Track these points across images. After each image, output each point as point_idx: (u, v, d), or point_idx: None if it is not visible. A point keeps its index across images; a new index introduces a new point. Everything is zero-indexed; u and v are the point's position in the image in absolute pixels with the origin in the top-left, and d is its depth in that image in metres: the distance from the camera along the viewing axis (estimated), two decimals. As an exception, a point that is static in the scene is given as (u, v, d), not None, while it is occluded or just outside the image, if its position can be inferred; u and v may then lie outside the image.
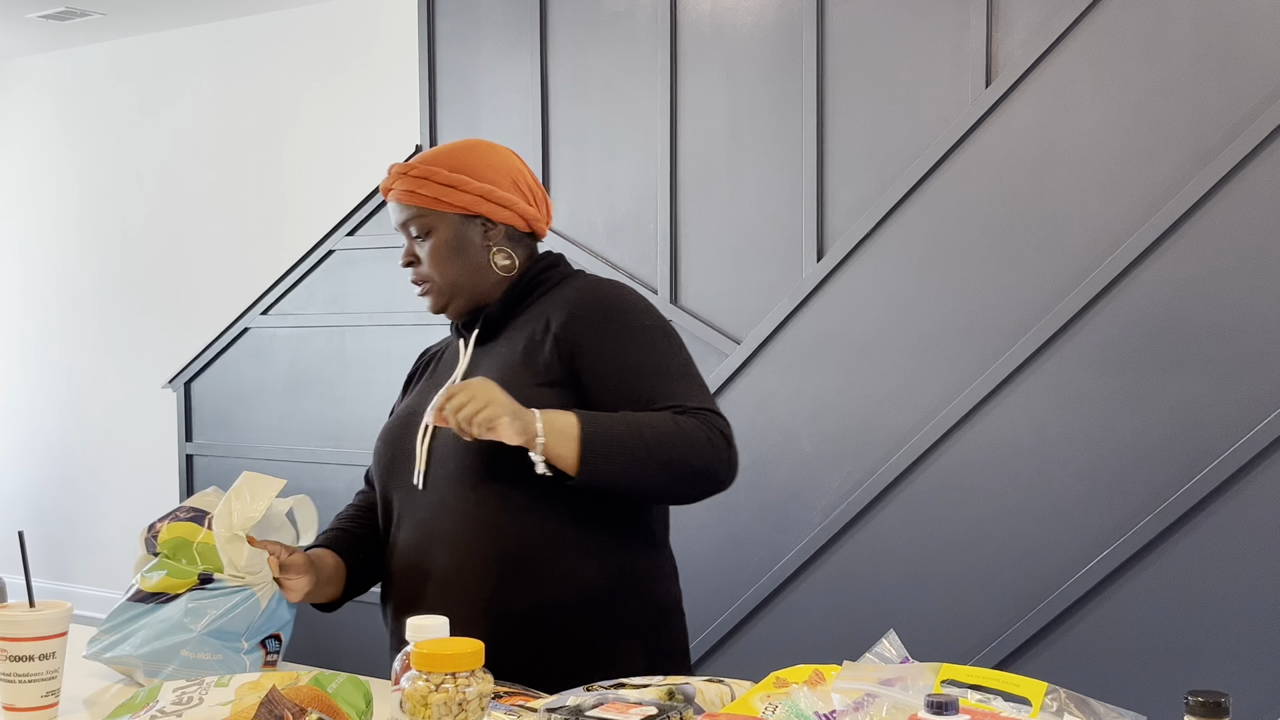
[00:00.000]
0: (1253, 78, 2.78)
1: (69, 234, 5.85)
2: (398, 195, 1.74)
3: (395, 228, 1.78)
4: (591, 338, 1.65)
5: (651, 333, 1.67)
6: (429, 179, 1.72)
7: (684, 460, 1.57)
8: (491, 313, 1.74)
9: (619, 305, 1.68)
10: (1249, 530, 2.79)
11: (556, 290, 1.74)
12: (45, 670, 1.46)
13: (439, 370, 1.82)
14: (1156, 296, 2.88)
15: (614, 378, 1.63)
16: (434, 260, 1.73)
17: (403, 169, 1.74)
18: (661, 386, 1.63)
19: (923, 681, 1.13)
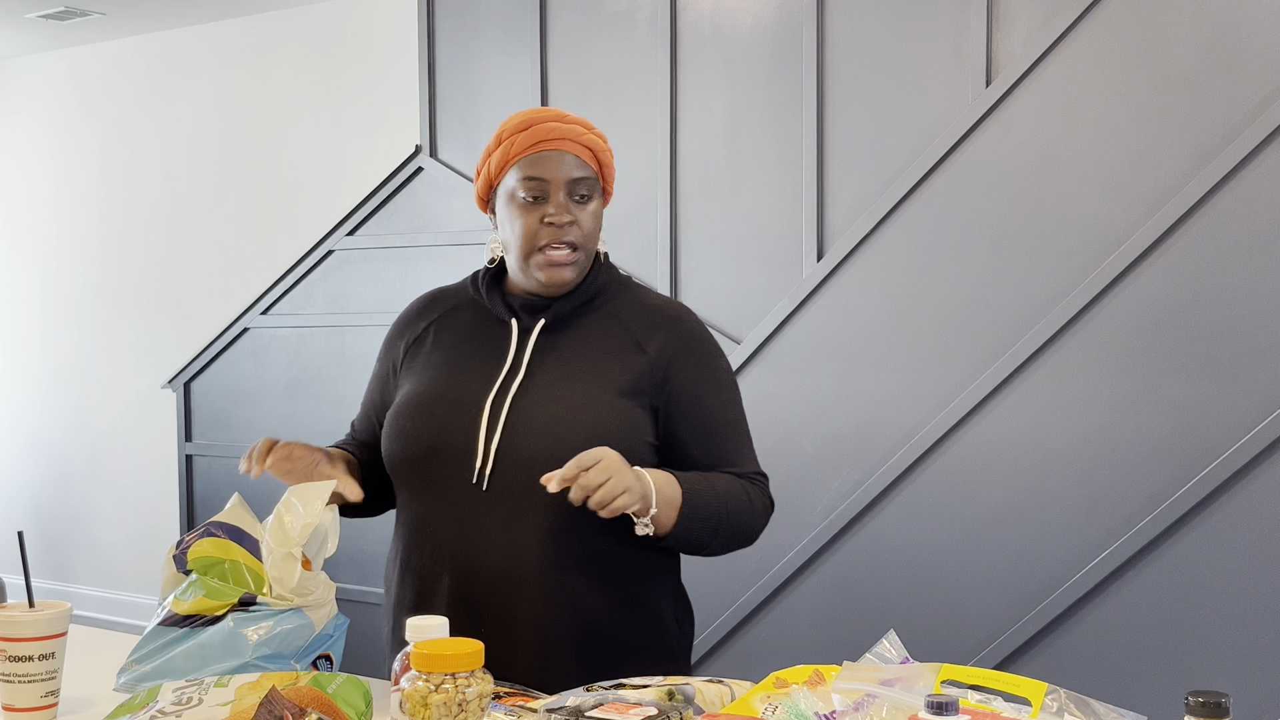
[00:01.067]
0: (1253, 78, 2.77)
1: (69, 234, 5.85)
2: (582, 150, 1.63)
3: (548, 178, 1.61)
4: (688, 377, 1.66)
5: (730, 385, 1.72)
6: (606, 148, 1.67)
7: (745, 532, 1.68)
8: (564, 305, 1.66)
9: (713, 349, 1.71)
10: (1249, 530, 2.78)
11: (625, 298, 1.70)
12: (45, 670, 1.45)
13: (473, 349, 1.68)
14: (1156, 296, 2.88)
15: (699, 423, 1.66)
16: (592, 228, 1.65)
17: (583, 123, 1.65)
18: (735, 445, 1.70)
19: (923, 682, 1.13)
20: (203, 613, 1.57)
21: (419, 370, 1.71)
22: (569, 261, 1.62)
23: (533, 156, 1.62)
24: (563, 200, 1.62)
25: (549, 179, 1.61)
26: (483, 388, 1.63)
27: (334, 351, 4.27)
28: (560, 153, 1.62)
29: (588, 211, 1.64)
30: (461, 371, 1.66)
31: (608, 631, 1.61)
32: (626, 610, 1.63)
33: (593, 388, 1.60)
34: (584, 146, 1.63)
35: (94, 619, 5.49)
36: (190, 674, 1.52)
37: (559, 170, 1.61)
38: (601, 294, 1.69)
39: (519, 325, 1.67)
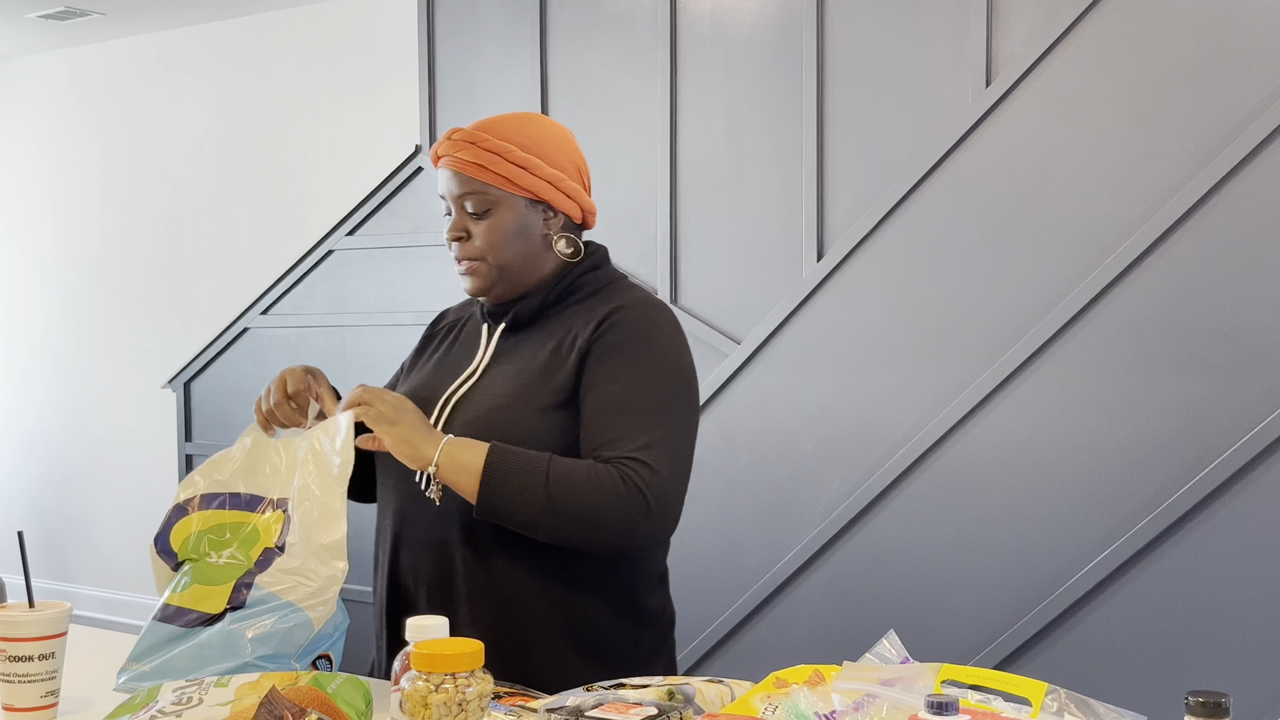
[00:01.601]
0: (1253, 78, 2.77)
1: (69, 233, 5.85)
2: (461, 165, 1.62)
3: (445, 195, 1.66)
4: (598, 362, 1.60)
5: (650, 373, 1.60)
6: (502, 156, 1.62)
7: (587, 513, 1.52)
8: (525, 308, 1.67)
9: (644, 334, 1.62)
10: (1249, 530, 2.78)
11: (596, 298, 1.67)
12: (45, 670, 1.45)
13: (456, 350, 1.75)
14: (1157, 296, 2.88)
15: (592, 405, 1.58)
16: (491, 240, 1.63)
17: (470, 137, 1.63)
18: (619, 424, 1.56)
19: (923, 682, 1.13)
20: (197, 606, 1.55)
21: (415, 371, 1.78)
22: (469, 273, 1.66)
23: (439, 172, 1.67)
24: (459, 217, 1.65)
25: (446, 196, 1.66)
26: (444, 389, 1.68)
27: (334, 351, 4.27)
28: (447, 170, 1.65)
29: (482, 225, 1.63)
30: (435, 374, 1.72)
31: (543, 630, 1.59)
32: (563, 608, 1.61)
33: (528, 392, 1.60)
34: (469, 163, 1.62)
35: (94, 619, 5.49)
36: (190, 674, 1.51)
37: (449, 188, 1.65)
38: (572, 295, 1.68)
39: (489, 330, 1.71)
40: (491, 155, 1.62)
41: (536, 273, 1.67)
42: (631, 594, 1.67)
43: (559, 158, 1.66)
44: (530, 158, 1.63)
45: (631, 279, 1.75)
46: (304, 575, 1.54)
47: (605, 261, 1.73)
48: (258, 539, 1.59)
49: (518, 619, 1.59)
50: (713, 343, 3.45)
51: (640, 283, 1.79)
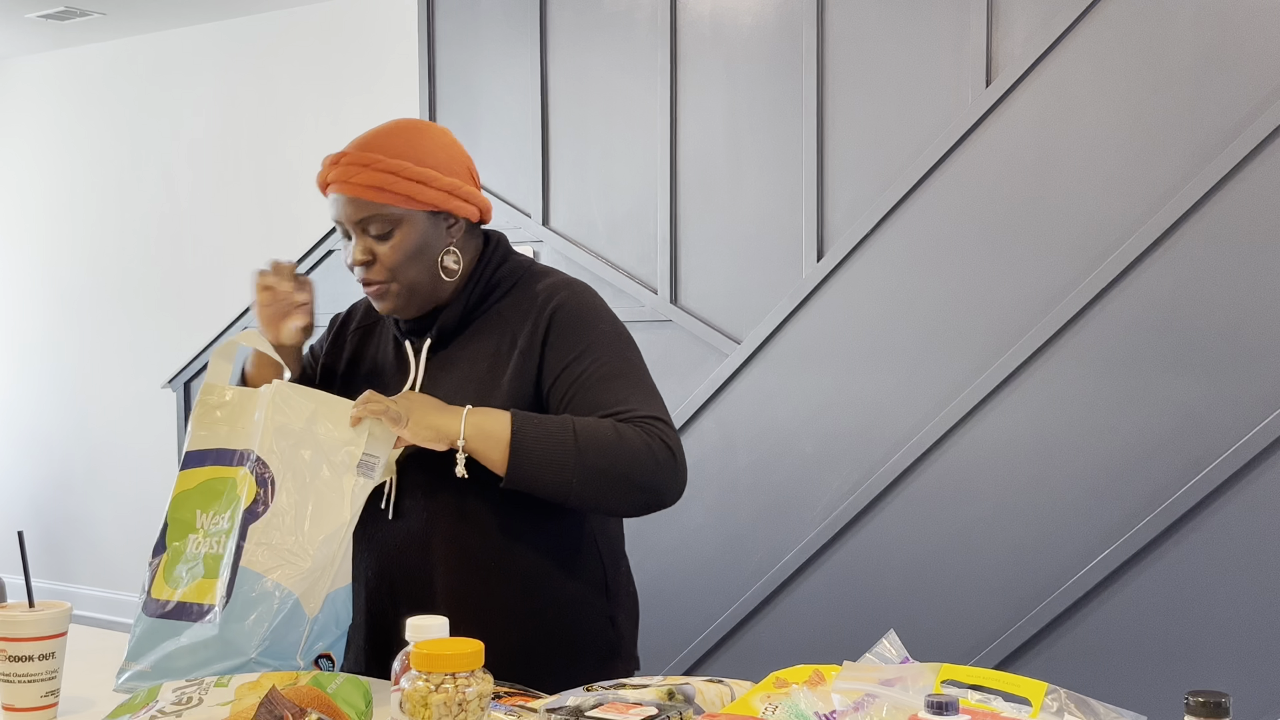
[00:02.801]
0: (1253, 78, 2.77)
1: (69, 233, 5.85)
2: (356, 190, 1.58)
3: (340, 222, 1.62)
4: (556, 349, 1.60)
5: (606, 339, 1.62)
6: (398, 175, 1.58)
7: (619, 470, 1.52)
8: (448, 320, 1.65)
9: (585, 313, 1.63)
10: (1249, 530, 2.79)
11: (515, 294, 1.66)
12: (45, 670, 1.45)
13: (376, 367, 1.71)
14: (1156, 296, 2.88)
15: (567, 387, 1.58)
16: (396, 261, 1.60)
17: (361, 160, 1.58)
18: (610, 391, 1.57)
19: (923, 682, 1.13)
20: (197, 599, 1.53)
21: (341, 382, 1.74)
22: (379, 295, 1.63)
23: (329, 196, 1.64)
24: (359, 242, 1.61)
25: (341, 221, 1.62)
26: None
27: (334, 351, 4.26)
28: (340, 195, 1.60)
29: (386, 246, 1.59)
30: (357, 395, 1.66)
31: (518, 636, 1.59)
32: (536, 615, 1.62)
33: (482, 399, 1.59)
34: (364, 186, 1.58)
35: (94, 619, 5.49)
36: (190, 674, 1.50)
37: (346, 213, 1.60)
38: (490, 295, 1.67)
39: (413, 346, 1.68)
40: (387, 175, 1.58)
41: (445, 284, 1.65)
42: (602, 574, 1.68)
43: (451, 165, 1.64)
44: (426, 170, 1.60)
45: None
46: (295, 555, 1.50)
47: (508, 249, 1.71)
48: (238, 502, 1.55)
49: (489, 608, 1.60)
50: (713, 343, 3.45)
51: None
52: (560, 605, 1.64)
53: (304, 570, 1.50)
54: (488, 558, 1.61)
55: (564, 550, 1.64)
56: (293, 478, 1.54)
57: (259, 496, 1.53)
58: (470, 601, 1.60)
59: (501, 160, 3.86)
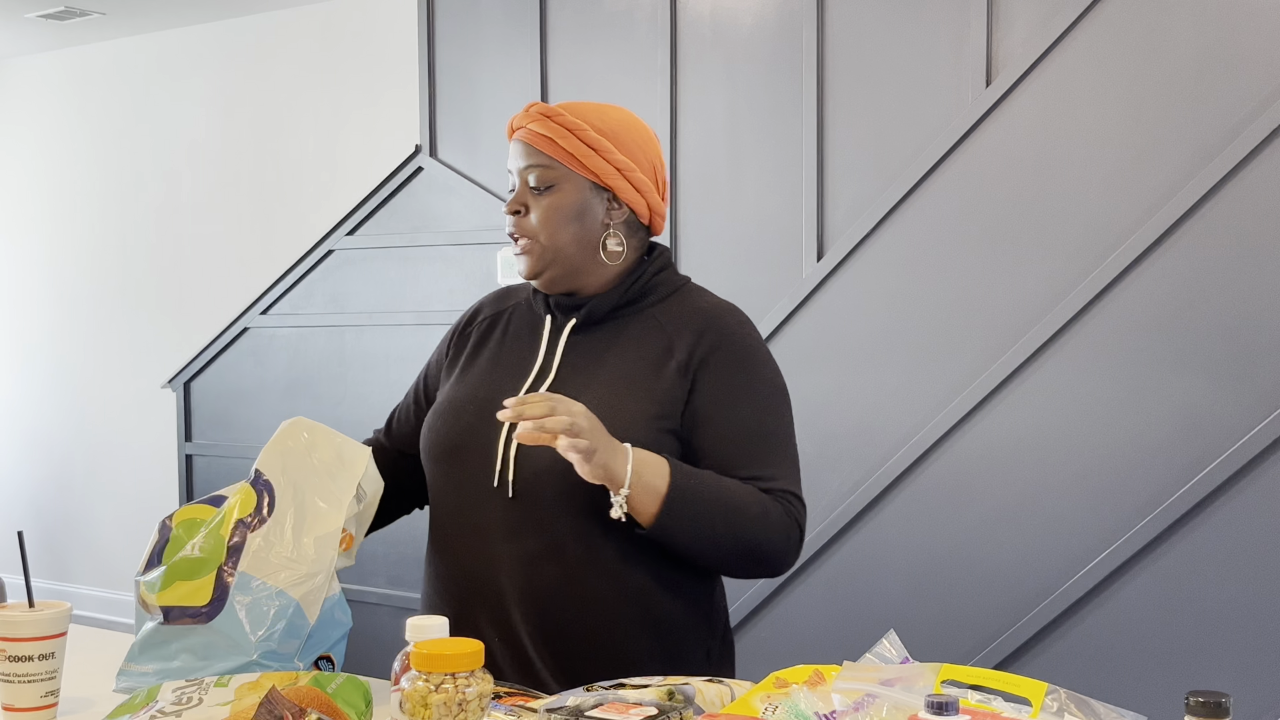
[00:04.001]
0: (1253, 78, 2.77)
1: (69, 233, 5.85)
2: (532, 137, 1.57)
3: (512, 169, 1.60)
4: (717, 381, 1.55)
5: (773, 393, 1.59)
6: (574, 133, 1.56)
7: (757, 546, 1.52)
8: (600, 305, 1.59)
9: (754, 354, 1.59)
10: (1249, 530, 2.78)
11: (674, 301, 1.61)
12: (45, 670, 1.45)
13: (509, 347, 1.65)
14: (1157, 296, 2.88)
15: (720, 429, 1.54)
16: (548, 218, 1.57)
17: (546, 111, 1.58)
18: (761, 453, 1.55)
19: (923, 682, 1.13)
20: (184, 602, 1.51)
21: (460, 370, 1.68)
22: (522, 252, 1.59)
23: (510, 147, 1.63)
24: (519, 191, 1.59)
25: (511, 169, 1.61)
26: (512, 389, 1.58)
27: (334, 351, 4.27)
28: (517, 143, 1.60)
29: (542, 202, 1.57)
30: (495, 371, 1.63)
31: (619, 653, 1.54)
32: (642, 634, 1.56)
33: (621, 398, 1.53)
34: (538, 134, 1.57)
35: (94, 619, 5.49)
36: (191, 674, 1.50)
37: (516, 160, 1.60)
38: (648, 295, 1.61)
39: (552, 324, 1.63)
40: (563, 130, 1.57)
41: (593, 262, 1.60)
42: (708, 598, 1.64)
43: (634, 149, 1.60)
44: (603, 140, 1.58)
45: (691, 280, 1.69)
46: (296, 561, 1.50)
47: (672, 262, 1.67)
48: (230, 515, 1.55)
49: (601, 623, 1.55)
50: (713, 343, 3.44)
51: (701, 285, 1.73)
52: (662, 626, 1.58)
53: (302, 575, 1.50)
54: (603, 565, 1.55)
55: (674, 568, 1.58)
56: (291, 487, 1.54)
57: (258, 504, 1.54)
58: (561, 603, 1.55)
59: (501, 160, 3.86)
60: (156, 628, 1.55)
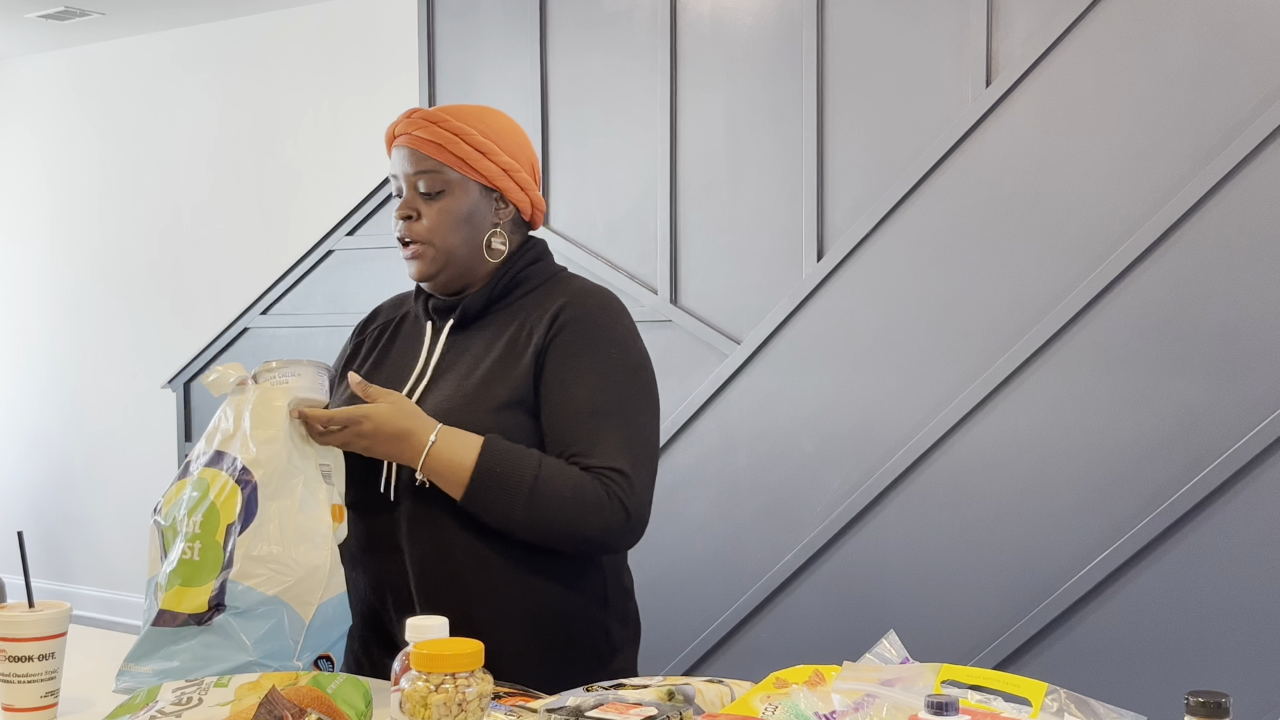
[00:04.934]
0: (1253, 78, 2.78)
1: (69, 234, 5.85)
2: (418, 143, 1.62)
3: (398, 174, 1.64)
4: (559, 361, 1.59)
5: (615, 371, 1.60)
6: (461, 137, 1.61)
7: (570, 523, 1.55)
8: (472, 304, 1.65)
9: (603, 334, 1.62)
10: (1249, 530, 2.79)
11: (542, 291, 1.67)
12: (44, 671, 1.45)
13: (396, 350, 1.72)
14: (1157, 296, 2.88)
15: (557, 409, 1.59)
16: (439, 223, 1.62)
17: (430, 117, 1.62)
18: (590, 431, 1.57)
19: (923, 682, 1.13)
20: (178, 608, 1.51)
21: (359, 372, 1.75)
22: (413, 256, 1.64)
23: (393, 153, 1.66)
24: (408, 196, 1.64)
25: (396, 175, 1.65)
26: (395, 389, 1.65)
27: (334, 351, 4.26)
28: (402, 148, 1.63)
29: (434, 207, 1.62)
30: (381, 374, 1.70)
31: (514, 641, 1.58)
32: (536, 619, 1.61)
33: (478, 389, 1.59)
34: (426, 140, 1.61)
35: (94, 619, 5.49)
36: (190, 674, 1.50)
37: (403, 166, 1.63)
38: (516, 289, 1.66)
39: (433, 327, 1.69)
40: (451, 136, 1.61)
41: (481, 264, 1.66)
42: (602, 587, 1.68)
43: (515, 149, 1.66)
44: (488, 143, 1.63)
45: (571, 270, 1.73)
46: (284, 564, 1.50)
47: (546, 254, 1.72)
48: (217, 518, 1.53)
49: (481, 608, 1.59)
50: (713, 343, 3.45)
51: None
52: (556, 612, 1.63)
53: (293, 580, 1.50)
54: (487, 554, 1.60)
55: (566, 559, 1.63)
56: (274, 487, 1.53)
57: (244, 507, 1.52)
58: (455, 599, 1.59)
59: (501, 160, 3.86)
60: (153, 631, 1.54)
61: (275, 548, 1.50)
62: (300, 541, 1.51)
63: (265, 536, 1.51)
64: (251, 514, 1.52)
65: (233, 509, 1.53)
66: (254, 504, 1.52)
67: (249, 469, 1.54)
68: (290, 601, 1.50)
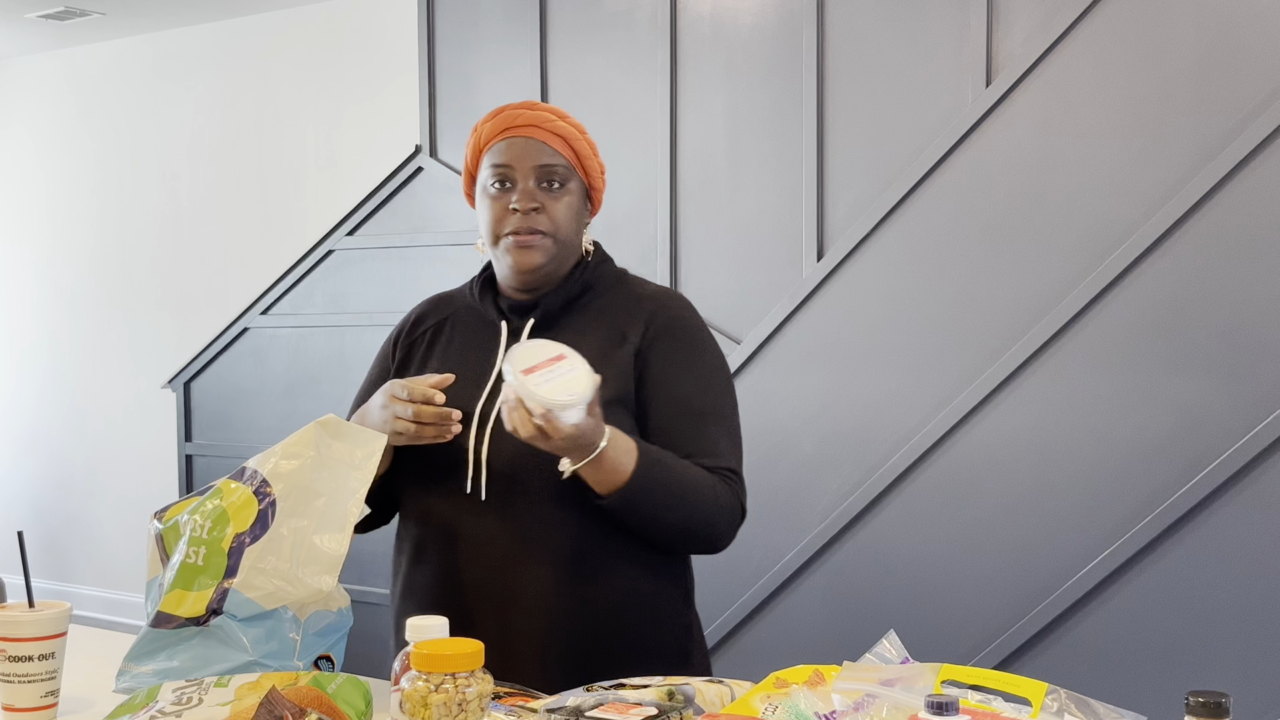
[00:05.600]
0: (1253, 78, 2.77)
1: (69, 234, 5.85)
2: (546, 136, 1.60)
3: (512, 164, 1.59)
4: (663, 361, 1.60)
5: (713, 374, 1.64)
6: (581, 135, 1.63)
7: (704, 526, 1.58)
8: (553, 302, 1.63)
9: (696, 336, 1.65)
10: (1249, 530, 2.78)
11: (618, 292, 1.66)
12: (45, 670, 1.45)
13: (461, 353, 1.67)
14: (1157, 296, 2.88)
15: (669, 410, 1.59)
16: (564, 216, 1.60)
17: (554, 111, 1.62)
18: (708, 436, 1.60)
19: (923, 682, 1.13)
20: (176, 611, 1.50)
21: None
22: (534, 244, 1.58)
23: (500, 144, 1.61)
24: (530, 187, 1.59)
25: (514, 165, 1.59)
26: (473, 394, 1.60)
27: (334, 351, 4.27)
28: (527, 139, 1.59)
29: (557, 200, 1.60)
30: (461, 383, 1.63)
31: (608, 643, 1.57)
32: (629, 622, 1.60)
33: None
34: (553, 134, 1.60)
35: (94, 619, 5.49)
36: (190, 674, 1.50)
37: (525, 157, 1.59)
38: (592, 290, 1.66)
39: (508, 327, 1.65)
40: (574, 131, 1.62)
41: (569, 263, 1.65)
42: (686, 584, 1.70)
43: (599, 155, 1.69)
44: (593, 144, 1.65)
45: None
46: (289, 582, 1.49)
47: (608, 256, 1.72)
48: (228, 525, 1.51)
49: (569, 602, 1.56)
50: (713, 343, 3.45)
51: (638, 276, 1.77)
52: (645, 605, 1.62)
53: (296, 597, 1.49)
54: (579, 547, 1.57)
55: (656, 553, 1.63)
56: (294, 504, 1.51)
57: (258, 519, 1.50)
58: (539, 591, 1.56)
59: (501, 160, 3.86)
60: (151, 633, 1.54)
61: (284, 564, 1.49)
62: (310, 562, 1.50)
63: (276, 551, 1.49)
64: (265, 527, 1.50)
65: (246, 519, 1.51)
66: (269, 518, 1.50)
67: (269, 482, 1.52)
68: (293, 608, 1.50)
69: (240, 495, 1.53)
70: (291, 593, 1.49)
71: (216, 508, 1.53)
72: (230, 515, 1.52)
